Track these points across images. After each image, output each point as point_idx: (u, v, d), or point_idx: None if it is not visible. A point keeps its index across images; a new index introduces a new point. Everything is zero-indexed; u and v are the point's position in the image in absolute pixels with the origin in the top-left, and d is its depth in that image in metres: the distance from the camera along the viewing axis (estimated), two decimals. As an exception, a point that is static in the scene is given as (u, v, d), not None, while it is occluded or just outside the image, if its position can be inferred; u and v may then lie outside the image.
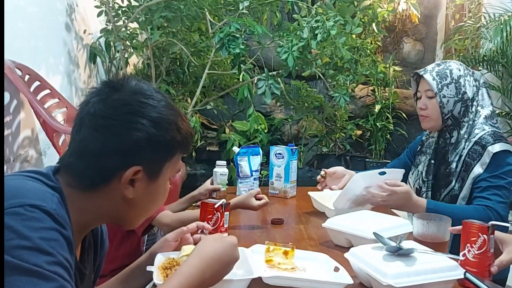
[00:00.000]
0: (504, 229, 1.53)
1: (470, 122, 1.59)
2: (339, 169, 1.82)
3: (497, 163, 1.51)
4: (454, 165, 1.58)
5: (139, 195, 0.84)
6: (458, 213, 1.44)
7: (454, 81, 1.58)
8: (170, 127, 0.84)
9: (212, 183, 1.95)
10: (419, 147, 1.78)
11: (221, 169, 2.00)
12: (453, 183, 1.57)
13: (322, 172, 1.82)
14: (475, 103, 1.60)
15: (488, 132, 1.55)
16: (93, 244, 0.94)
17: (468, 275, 1.02)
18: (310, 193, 1.83)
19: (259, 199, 1.58)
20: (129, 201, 0.84)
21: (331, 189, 1.77)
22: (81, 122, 0.83)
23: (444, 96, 1.57)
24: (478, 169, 1.53)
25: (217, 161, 2.02)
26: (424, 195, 1.65)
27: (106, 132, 0.80)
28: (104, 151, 0.80)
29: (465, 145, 1.57)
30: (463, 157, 1.57)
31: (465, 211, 1.46)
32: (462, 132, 1.59)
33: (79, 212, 0.81)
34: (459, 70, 1.60)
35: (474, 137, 1.57)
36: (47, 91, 2.58)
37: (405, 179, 1.72)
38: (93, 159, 0.81)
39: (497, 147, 1.52)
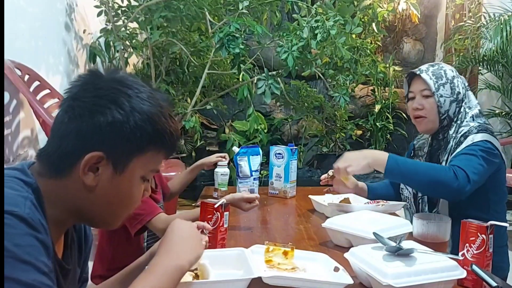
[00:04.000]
0: (503, 229, 1.54)
1: (458, 122, 1.59)
2: (351, 177, 1.71)
3: (473, 145, 1.49)
4: (444, 164, 1.57)
5: (102, 186, 0.79)
6: (420, 167, 1.47)
7: (449, 81, 1.59)
8: (141, 118, 0.78)
9: (217, 158, 2.03)
10: (412, 151, 1.78)
11: (222, 169, 2.00)
12: None
13: (332, 172, 1.72)
14: (463, 104, 1.61)
15: (474, 125, 1.55)
16: (76, 239, 0.92)
17: (474, 266, 1.02)
18: (311, 196, 1.82)
19: (251, 202, 1.55)
20: (91, 189, 0.79)
21: (337, 192, 1.74)
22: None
23: (441, 96, 1.58)
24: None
25: (218, 162, 2.02)
26: (420, 199, 1.65)
27: (71, 113, 0.78)
28: (67, 133, 0.78)
29: (453, 143, 1.57)
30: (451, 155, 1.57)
31: (429, 166, 1.47)
32: (451, 132, 1.59)
33: (51, 204, 0.78)
34: (452, 71, 1.62)
35: (460, 133, 1.56)
36: (47, 91, 2.59)
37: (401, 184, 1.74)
38: (58, 142, 0.79)
39: (478, 137, 1.50)
